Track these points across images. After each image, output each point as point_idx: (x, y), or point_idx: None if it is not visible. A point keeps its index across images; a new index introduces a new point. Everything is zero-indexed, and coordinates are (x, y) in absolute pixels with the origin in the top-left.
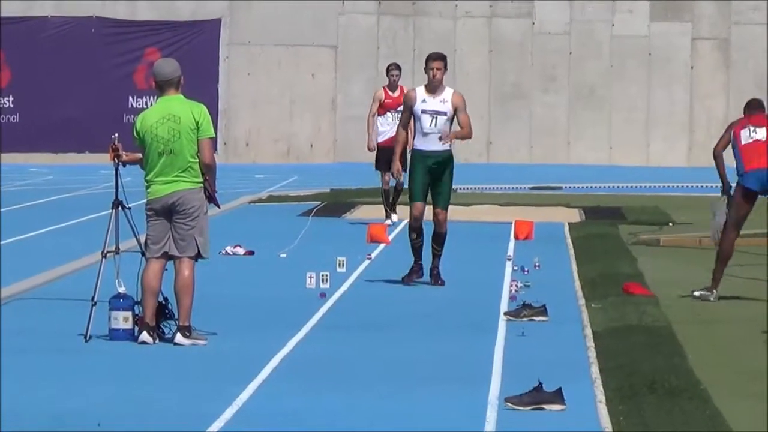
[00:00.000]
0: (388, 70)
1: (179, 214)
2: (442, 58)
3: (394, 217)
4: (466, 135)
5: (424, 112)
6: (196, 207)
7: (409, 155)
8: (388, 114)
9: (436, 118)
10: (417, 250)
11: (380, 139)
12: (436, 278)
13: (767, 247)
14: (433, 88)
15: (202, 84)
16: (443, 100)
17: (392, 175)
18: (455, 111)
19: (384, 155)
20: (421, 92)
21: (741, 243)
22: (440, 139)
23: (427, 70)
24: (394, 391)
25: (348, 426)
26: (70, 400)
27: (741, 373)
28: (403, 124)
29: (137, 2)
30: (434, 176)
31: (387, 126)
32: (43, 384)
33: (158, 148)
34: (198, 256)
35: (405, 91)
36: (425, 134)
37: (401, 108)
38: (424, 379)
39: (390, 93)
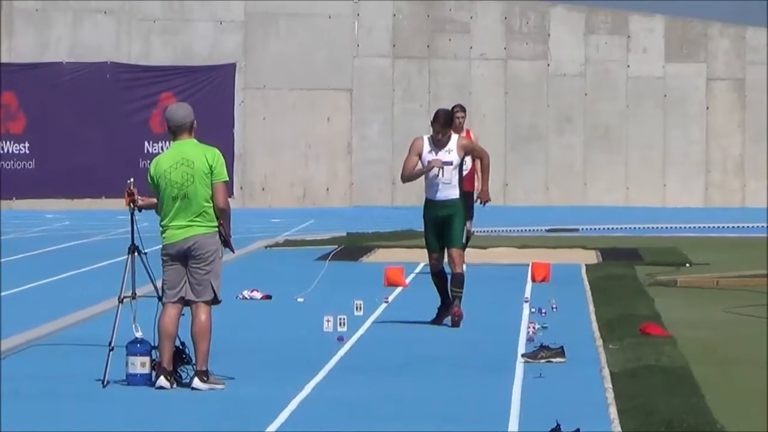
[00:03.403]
0: (453, 112)
1: (195, 258)
2: (448, 125)
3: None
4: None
5: (430, 162)
6: (212, 251)
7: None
8: None
9: (443, 168)
10: (442, 291)
11: None
12: (454, 319)
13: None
14: (440, 143)
15: (217, 128)
16: (449, 150)
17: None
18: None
19: None
20: (427, 145)
21: (756, 283)
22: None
23: (435, 128)
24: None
25: None
26: None
27: (758, 413)
28: (411, 167)
29: (151, 45)
30: (445, 221)
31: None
32: (60, 428)
33: (172, 193)
34: (214, 300)
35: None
36: (433, 183)
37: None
38: (441, 421)
39: None
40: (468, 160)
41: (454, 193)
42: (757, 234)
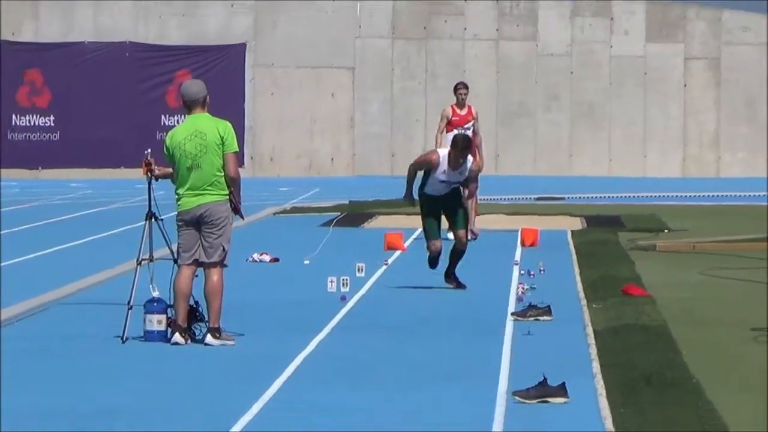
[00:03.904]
0: (456, 89)
1: (207, 224)
2: (466, 149)
3: (476, 232)
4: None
5: (441, 181)
6: (223, 218)
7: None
8: (455, 131)
9: (452, 184)
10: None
11: None
12: (455, 281)
13: (767, 251)
14: (455, 165)
15: (229, 104)
16: (461, 172)
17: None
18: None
19: None
20: (444, 164)
21: (730, 248)
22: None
23: (455, 152)
24: (409, 387)
25: (365, 420)
26: (107, 398)
27: (730, 368)
28: (413, 173)
29: (167, 25)
30: (444, 204)
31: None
32: (83, 383)
33: (186, 163)
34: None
35: (470, 111)
36: (438, 187)
37: (468, 125)
38: (437, 375)
39: (458, 111)
40: (469, 133)
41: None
42: (731, 202)
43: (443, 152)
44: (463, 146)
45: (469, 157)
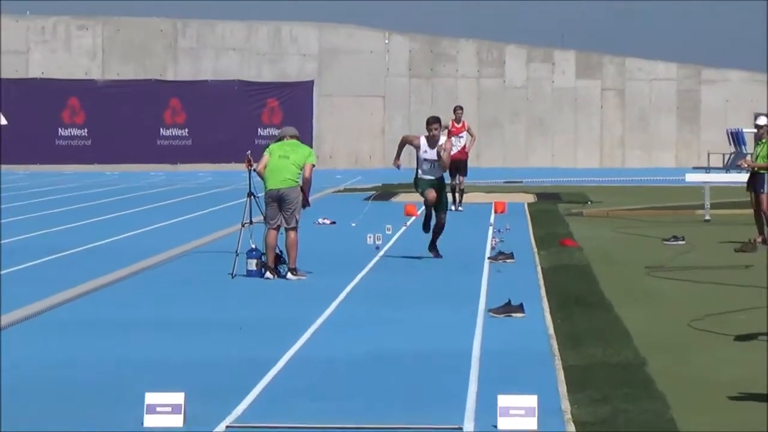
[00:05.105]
0: (455, 110)
1: (284, 202)
2: (437, 121)
3: (461, 208)
4: (445, 165)
5: (425, 160)
6: (294, 197)
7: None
8: (453, 139)
9: (434, 163)
10: (429, 226)
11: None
12: (435, 251)
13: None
14: (432, 142)
15: (302, 121)
16: (438, 151)
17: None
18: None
19: (451, 166)
20: (424, 143)
21: (632, 214)
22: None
23: (428, 128)
24: (421, 304)
25: (395, 326)
26: (222, 314)
27: (630, 293)
28: (399, 146)
29: (262, 69)
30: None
31: (452, 147)
32: (206, 304)
33: (279, 153)
34: (297, 224)
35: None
36: (426, 169)
37: (462, 134)
38: (439, 297)
39: (455, 125)
40: (462, 140)
41: (439, 175)
42: (632, 184)
43: (423, 137)
44: (432, 121)
45: (442, 137)
